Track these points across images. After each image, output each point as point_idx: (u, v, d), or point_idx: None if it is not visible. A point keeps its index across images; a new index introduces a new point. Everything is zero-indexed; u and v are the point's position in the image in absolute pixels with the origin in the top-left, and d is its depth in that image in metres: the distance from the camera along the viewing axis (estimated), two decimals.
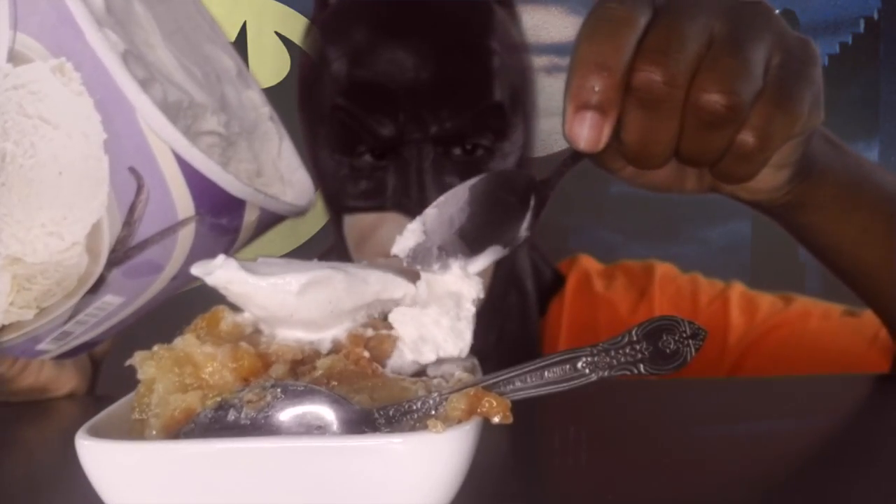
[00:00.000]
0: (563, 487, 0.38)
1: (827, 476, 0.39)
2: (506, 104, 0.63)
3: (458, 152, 0.62)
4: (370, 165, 0.59)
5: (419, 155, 0.59)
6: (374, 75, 0.59)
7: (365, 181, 0.62)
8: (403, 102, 0.59)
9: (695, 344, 0.31)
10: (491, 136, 0.62)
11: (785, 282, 1.51)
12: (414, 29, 0.60)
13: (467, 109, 0.61)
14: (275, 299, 0.35)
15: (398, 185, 0.60)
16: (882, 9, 1.48)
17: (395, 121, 0.59)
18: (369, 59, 0.60)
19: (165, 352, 0.34)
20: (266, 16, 1.36)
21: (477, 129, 0.61)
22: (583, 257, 0.84)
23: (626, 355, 0.31)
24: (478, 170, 0.60)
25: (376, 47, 0.60)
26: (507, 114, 0.63)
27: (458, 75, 0.60)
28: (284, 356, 0.35)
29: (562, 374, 0.32)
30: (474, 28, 0.62)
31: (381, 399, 0.33)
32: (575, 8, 1.41)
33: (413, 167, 0.59)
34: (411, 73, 0.59)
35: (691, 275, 0.82)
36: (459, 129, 0.60)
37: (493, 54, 0.62)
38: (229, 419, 0.32)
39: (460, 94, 0.60)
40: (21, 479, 0.40)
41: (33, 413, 0.53)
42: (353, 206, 0.62)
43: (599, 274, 0.80)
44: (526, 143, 0.66)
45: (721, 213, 1.44)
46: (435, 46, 0.60)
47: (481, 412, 0.32)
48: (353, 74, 0.60)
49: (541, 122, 1.39)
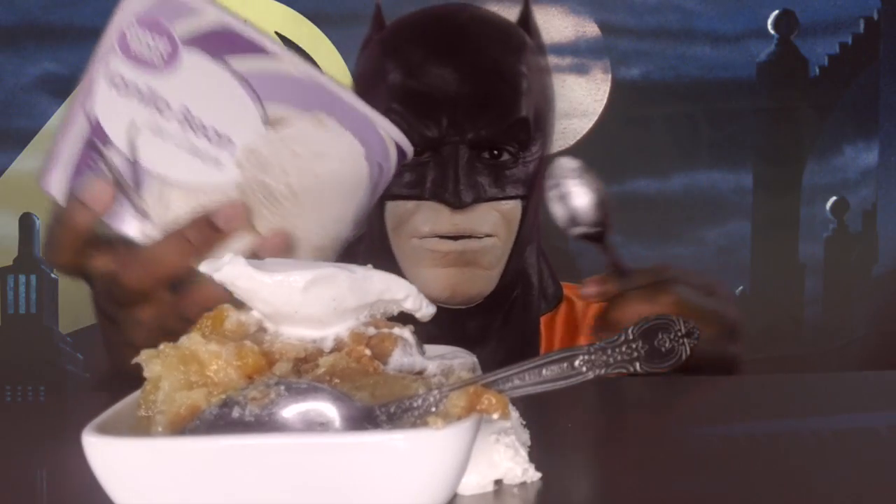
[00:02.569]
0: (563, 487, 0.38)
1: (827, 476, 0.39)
2: (530, 120, 0.73)
3: (487, 156, 0.73)
4: (414, 160, 0.68)
5: (456, 155, 0.71)
6: (424, 86, 0.72)
7: (408, 173, 0.72)
8: (447, 110, 0.71)
9: (689, 342, 0.31)
10: (516, 145, 0.73)
11: (785, 282, 1.52)
12: (459, 51, 0.73)
13: (499, 121, 0.72)
14: (280, 295, 0.35)
15: (437, 178, 0.71)
16: (882, 9, 1.48)
17: (438, 125, 0.71)
18: (420, 73, 0.73)
19: (171, 350, 0.35)
20: (266, 16, 1.36)
21: (505, 138, 0.73)
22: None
23: (623, 353, 0.32)
24: (502, 172, 0.72)
25: (427, 64, 0.73)
26: (531, 128, 0.74)
27: (493, 92, 0.72)
28: (288, 354, 0.35)
29: (559, 372, 0.33)
30: (508, 53, 0.74)
31: (383, 396, 0.34)
32: (575, 8, 1.42)
33: (451, 165, 0.71)
34: (455, 87, 0.72)
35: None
36: (491, 136, 0.72)
37: (522, 77, 0.74)
38: (234, 416, 0.32)
39: (494, 107, 0.72)
40: (27, 476, 0.41)
41: (39, 410, 0.53)
42: (397, 193, 0.72)
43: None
44: (542, 156, 0.76)
45: (721, 213, 1.44)
46: (475, 67, 0.73)
47: (481, 409, 0.33)
48: (407, 84, 0.73)
49: None
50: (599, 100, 1.41)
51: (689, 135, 1.46)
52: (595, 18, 1.42)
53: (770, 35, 1.45)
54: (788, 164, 1.48)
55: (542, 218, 0.87)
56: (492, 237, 0.73)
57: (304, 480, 0.31)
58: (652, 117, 1.45)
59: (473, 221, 0.71)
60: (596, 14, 1.42)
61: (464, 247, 0.72)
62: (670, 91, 1.44)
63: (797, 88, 1.47)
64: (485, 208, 0.72)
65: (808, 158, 1.47)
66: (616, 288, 0.63)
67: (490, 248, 0.73)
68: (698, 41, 1.44)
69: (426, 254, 0.72)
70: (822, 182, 1.48)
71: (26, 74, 1.36)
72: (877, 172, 1.49)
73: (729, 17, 1.45)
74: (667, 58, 1.44)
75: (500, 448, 0.36)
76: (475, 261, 0.72)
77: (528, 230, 0.76)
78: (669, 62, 1.44)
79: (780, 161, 1.48)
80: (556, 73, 1.39)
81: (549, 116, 0.78)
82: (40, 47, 1.35)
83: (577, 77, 1.41)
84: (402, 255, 0.74)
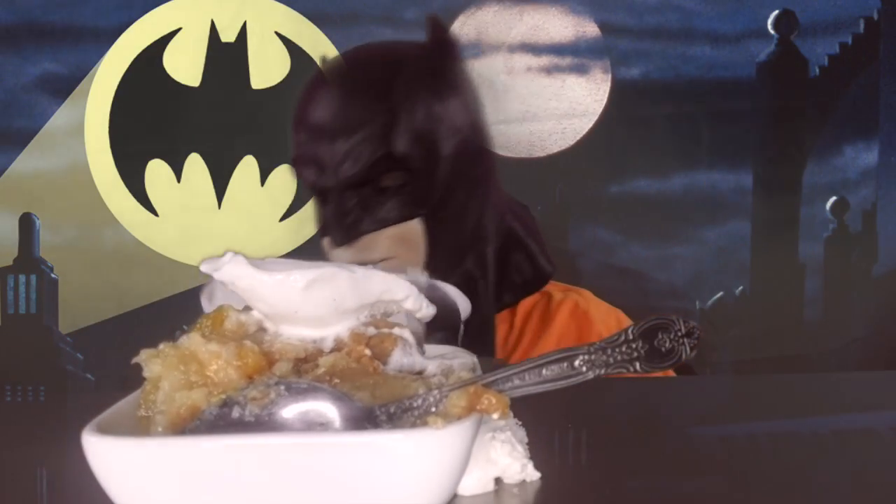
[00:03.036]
0: (563, 486, 0.38)
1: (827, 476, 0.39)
2: (404, 147, 0.78)
3: (368, 191, 0.79)
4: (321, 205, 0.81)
5: (338, 199, 0.79)
6: (303, 139, 0.81)
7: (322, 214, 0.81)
8: (321, 159, 0.79)
9: (690, 342, 0.31)
10: (397, 173, 0.79)
11: (785, 282, 1.52)
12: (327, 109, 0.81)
13: (361, 160, 0.78)
14: (280, 295, 0.35)
15: (327, 223, 0.80)
16: (882, 9, 1.48)
17: (316, 172, 0.79)
18: (304, 126, 0.81)
19: (171, 350, 0.35)
20: (267, 16, 1.37)
21: (376, 173, 0.78)
22: (584, 291, 0.91)
23: (623, 353, 0.32)
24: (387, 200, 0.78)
25: (308, 117, 0.81)
26: (408, 153, 0.78)
27: (359, 135, 0.78)
28: (288, 354, 0.35)
29: (559, 372, 0.33)
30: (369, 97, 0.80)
31: (383, 396, 0.34)
32: (575, 8, 1.42)
33: (328, 208, 0.79)
34: (326, 137, 0.79)
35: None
36: (359, 174, 0.78)
37: (385, 113, 0.79)
38: (234, 416, 0.32)
39: (357, 149, 0.78)
40: (27, 476, 0.41)
41: (39, 410, 0.53)
42: (321, 233, 0.82)
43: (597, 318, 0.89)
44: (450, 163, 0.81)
45: (721, 213, 1.44)
46: (337, 121, 0.79)
47: (481, 409, 0.33)
48: (296, 139, 0.81)
49: (540, 122, 1.39)
50: (599, 100, 1.41)
51: (689, 135, 1.46)
52: (595, 18, 1.42)
53: (770, 35, 1.45)
54: (788, 164, 1.48)
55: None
56: (390, 259, 0.79)
57: (305, 480, 0.31)
58: (652, 117, 1.45)
59: (364, 252, 0.78)
60: (596, 14, 1.42)
61: None
62: (670, 91, 1.44)
63: (797, 88, 1.47)
64: (373, 237, 0.79)
65: (808, 158, 1.47)
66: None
67: (391, 269, 0.77)
68: (698, 41, 1.44)
69: None
70: (822, 182, 1.48)
71: (26, 74, 1.36)
72: (877, 172, 1.49)
73: (729, 17, 1.45)
74: (667, 58, 1.44)
75: (497, 445, 0.36)
76: None
77: (452, 238, 0.81)
78: (669, 62, 1.44)
79: (780, 161, 1.48)
80: (556, 73, 1.39)
81: (447, 129, 0.82)
82: (40, 47, 1.36)
83: (577, 77, 1.41)
84: None
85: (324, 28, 1.37)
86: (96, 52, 1.34)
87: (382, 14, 1.38)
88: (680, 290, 1.43)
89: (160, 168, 1.35)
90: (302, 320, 0.36)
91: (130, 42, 1.35)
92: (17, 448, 0.45)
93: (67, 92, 1.34)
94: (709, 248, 1.44)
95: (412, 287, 0.39)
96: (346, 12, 1.37)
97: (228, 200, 1.36)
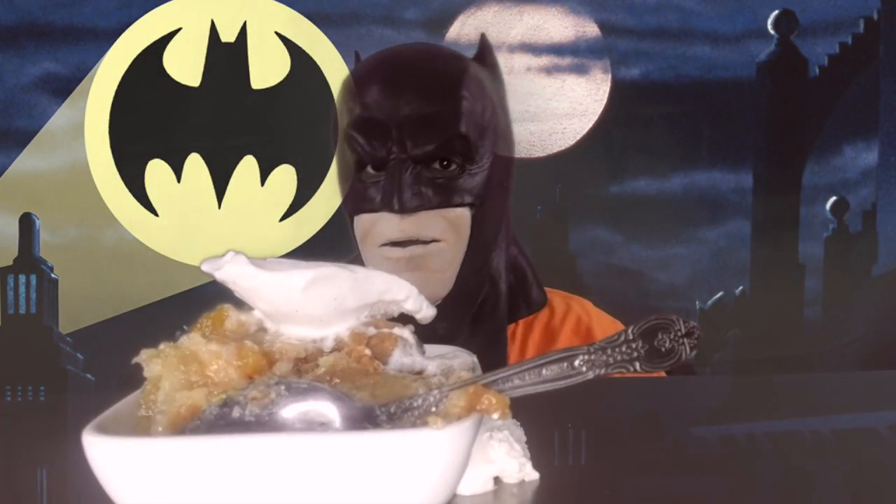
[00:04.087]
0: (562, 486, 0.38)
1: (827, 476, 0.39)
2: (470, 136, 0.82)
3: (436, 167, 0.82)
4: (371, 178, 0.82)
5: (400, 169, 0.80)
6: (373, 114, 0.83)
7: (366, 190, 0.82)
8: (393, 133, 0.81)
9: (689, 342, 0.31)
10: (460, 158, 0.82)
11: (785, 282, 1.51)
12: (404, 83, 0.84)
13: (438, 137, 0.81)
14: (281, 294, 0.35)
15: (386, 190, 0.80)
16: (882, 9, 1.47)
17: (385, 146, 0.81)
18: (371, 104, 0.83)
19: (171, 350, 0.35)
20: (267, 16, 1.36)
21: (446, 152, 0.82)
22: (585, 301, 0.94)
23: (623, 353, 0.32)
24: (449, 182, 0.81)
25: (377, 96, 0.84)
26: (472, 143, 0.83)
27: (433, 114, 0.82)
28: (288, 354, 0.36)
29: (559, 372, 0.33)
30: (448, 81, 0.85)
31: (383, 396, 0.34)
32: (575, 8, 1.42)
33: (396, 178, 0.79)
34: (399, 113, 0.81)
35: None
36: (432, 151, 0.81)
37: (461, 100, 0.83)
38: (234, 416, 0.32)
39: (434, 127, 0.81)
40: (27, 476, 0.41)
41: (39, 410, 0.53)
42: (359, 208, 0.83)
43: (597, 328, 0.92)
44: (493, 167, 0.85)
45: (721, 213, 1.44)
46: (418, 95, 0.83)
47: (481, 409, 0.33)
48: (361, 115, 0.84)
49: (540, 122, 1.39)
50: (599, 100, 1.41)
51: (689, 135, 1.46)
52: (595, 18, 1.42)
53: (770, 35, 1.45)
54: (788, 164, 1.48)
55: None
56: (438, 242, 0.81)
57: (304, 480, 0.31)
58: (652, 117, 1.45)
59: (419, 227, 0.80)
60: (596, 14, 1.42)
61: (411, 252, 0.80)
62: (670, 91, 1.44)
63: (797, 88, 1.47)
64: (430, 215, 0.80)
65: (808, 158, 1.47)
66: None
67: (437, 252, 0.81)
68: (698, 41, 1.44)
69: (383, 261, 0.81)
70: (822, 182, 1.48)
71: (26, 74, 1.36)
72: (877, 172, 1.49)
73: (729, 17, 1.45)
74: (667, 58, 1.44)
75: (495, 444, 0.36)
76: (424, 265, 0.80)
77: (486, 236, 0.84)
78: (669, 62, 1.44)
79: (780, 161, 1.48)
80: (556, 73, 1.39)
81: (496, 132, 0.87)
82: (40, 47, 1.36)
83: (577, 77, 1.41)
84: (368, 263, 0.83)
85: (324, 28, 1.37)
86: (96, 52, 1.34)
87: (382, 14, 1.38)
88: (680, 290, 1.43)
89: (160, 168, 1.35)
90: (302, 320, 0.36)
91: (130, 42, 1.35)
92: (17, 448, 0.45)
93: (67, 92, 1.34)
94: (709, 248, 1.44)
95: (412, 287, 0.39)
96: (346, 12, 1.37)
97: (228, 200, 1.36)
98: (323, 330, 0.37)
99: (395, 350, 0.37)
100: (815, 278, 1.47)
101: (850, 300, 1.49)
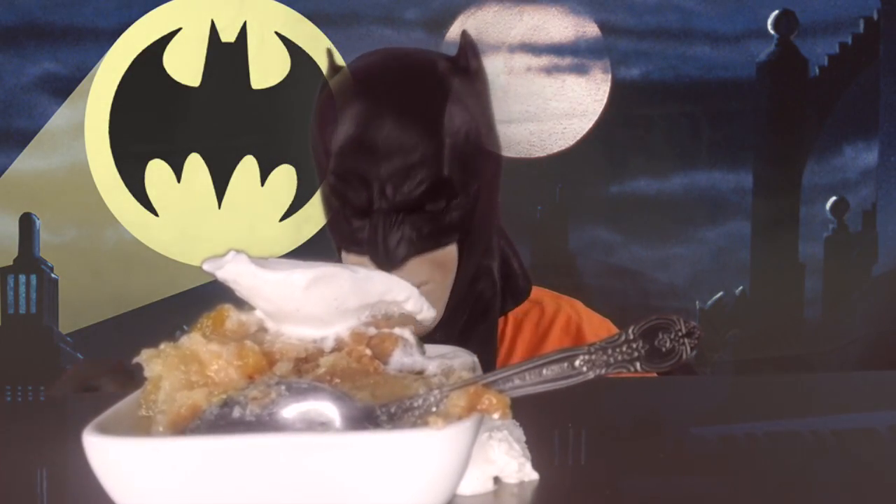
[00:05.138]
0: (562, 486, 0.38)
1: (827, 476, 0.39)
2: (454, 174, 0.78)
3: (419, 211, 0.78)
4: (358, 223, 0.79)
5: (384, 222, 0.77)
6: (349, 164, 0.78)
7: (352, 233, 0.80)
8: (372, 181, 0.77)
9: (690, 342, 0.31)
10: (444, 200, 0.79)
11: (785, 282, 1.52)
12: (384, 132, 0.78)
13: (419, 185, 0.77)
14: (282, 293, 0.35)
15: (370, 241, 0.78)
16: (882, 9, 1.48)
17: (367, 194, 0.78)
18: (348, 151, 0.79)
19: (172, 350, 0.35)
20: (267, 16, 1.36)
21: (429, 198, 0.78)
22: (576, 301, 0.92)
23: (623, 353, 0.32)
24: (435, 223, 0.78)
25: (354, 145, 0.78)
26: (455, 182, 0.78)
27: (413, 161, 0.77)
28: (288, 354, 0.35)
29: (560, 372, 0.33)
30: (428, 122, 0.79)
31: (383, 396, 0.34)
32: (575, 8, 1.42)
33: (379, 229, 0.77)
34: (380, 167, 0.77)
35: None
36: (415, 199, 0.77)
37: (443, 140, 0.78)
38: (234, 416, 0.32)
39: (414, 174, 0.77)
40: (27, 476, 0.41)
41: (39, 410, 0.53)
42: (346, 246, 0.81)
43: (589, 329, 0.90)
44: (482, 185, 0.81)
45: (721, 213, 1.44)
46: (397, 141, 0.78)
47: (481, 409, 0.33)
48: (336, 164, 0.79)
49: (540, 122, 1.39)
50: (599, 100, 1.41)
51: (688, 135, 1.46)
52: (595, 18, 1.42)
53: (770, 35, 1.45)
54: (788, 164, 1.48)
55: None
56: (427, 284, 0.78)
57: (305, 480, 0.31)
58: (652, 117, 1.45)
59: (406, 275, 0.75)
60: (596, 14, 1.42)
61: None
62: (670, 91, 1.44)
63: (797, 88, 1.47)
64: (416, 262, 0.77)
65: (808, 158, 1.47)
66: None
67: (426, 293, 0.77)
68: (698, 41, 1.44)
69: None
70: (822, 182, 1.48)
71: (26, 74, 1.36)
72: (877, 172, 1.49)
73: (729, 17, 1.45)
74: (667, 58, 1.44)
75: (494, 444, 0.36)
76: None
77: (476, 256, 0.81)
78: (669, 62, 1.44)
79: (780, 161, 1.48)
80: (556, 73, 1.39)
81: (482, 151, 0.82)
82: (40, 47, 1.36)
83: (577, 77, 1.41)
84: None
85: (324, 28, 1.37)
86: (96, 52, 1.34)
87: (382, 14, 1.38)
88: (680, 290, 1.43)
89: (160, 168, 1.35)
90: (303, 320, 0.36)
91: (130, 42, 1.35)
92: (17, 448, 0.45)
93: (67, 92, 1.34)
94: (709, 248, 1.45)
95: (413, 288, 0.39)
96: (346, 12, 1.37)
97: (228, 200, 1.36)
98: (323, 330, 0.37)
99: (396, 350, 0.37)
100: (815, 278, 1.47)
101: (850, 300, 1.49)
